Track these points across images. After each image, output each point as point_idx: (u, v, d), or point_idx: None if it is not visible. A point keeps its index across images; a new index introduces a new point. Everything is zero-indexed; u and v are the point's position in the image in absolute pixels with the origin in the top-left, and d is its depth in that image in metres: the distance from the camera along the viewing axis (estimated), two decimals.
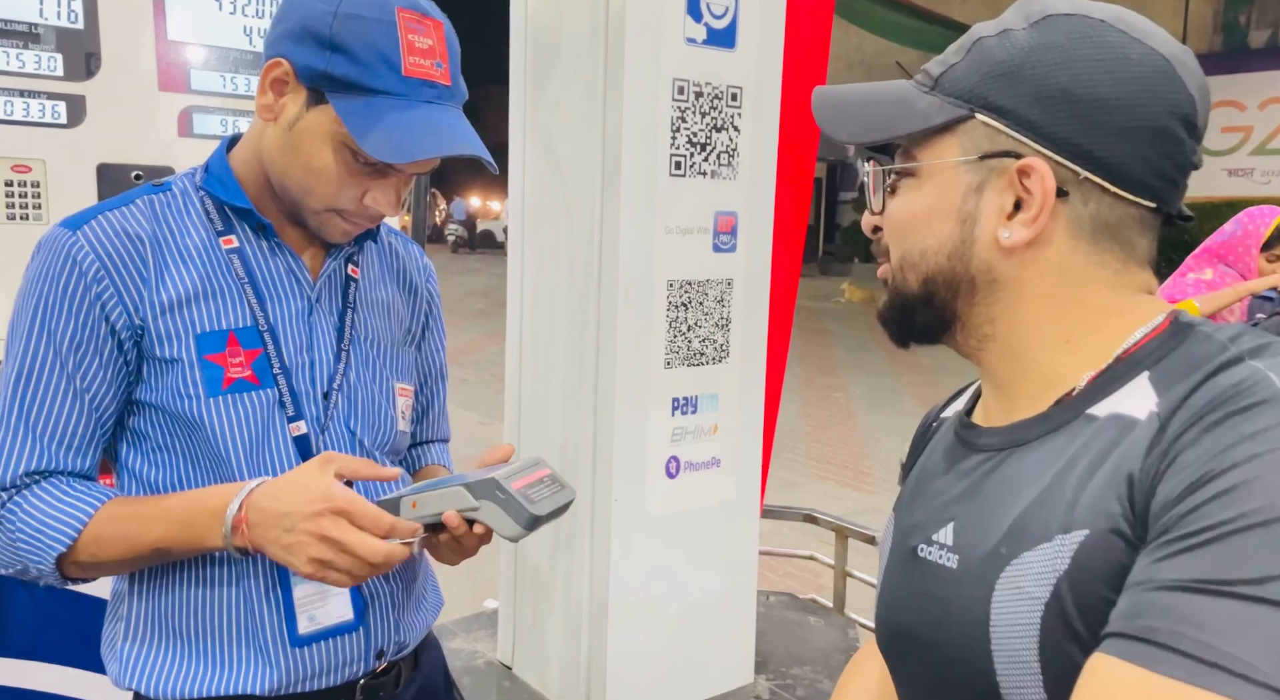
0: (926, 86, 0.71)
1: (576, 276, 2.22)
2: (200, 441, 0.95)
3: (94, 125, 1.42)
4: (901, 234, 0.73)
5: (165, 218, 0.97)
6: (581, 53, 2.15)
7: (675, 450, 2.26)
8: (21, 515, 0.90)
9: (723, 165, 2.24)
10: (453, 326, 12.30)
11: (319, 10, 0.91)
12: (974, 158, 0.68)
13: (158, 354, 0.94)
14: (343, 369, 1.03)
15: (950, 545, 0.71)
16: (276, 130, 0.96)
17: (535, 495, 0.94)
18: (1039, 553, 0.62)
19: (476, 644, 2.61)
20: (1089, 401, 0.66)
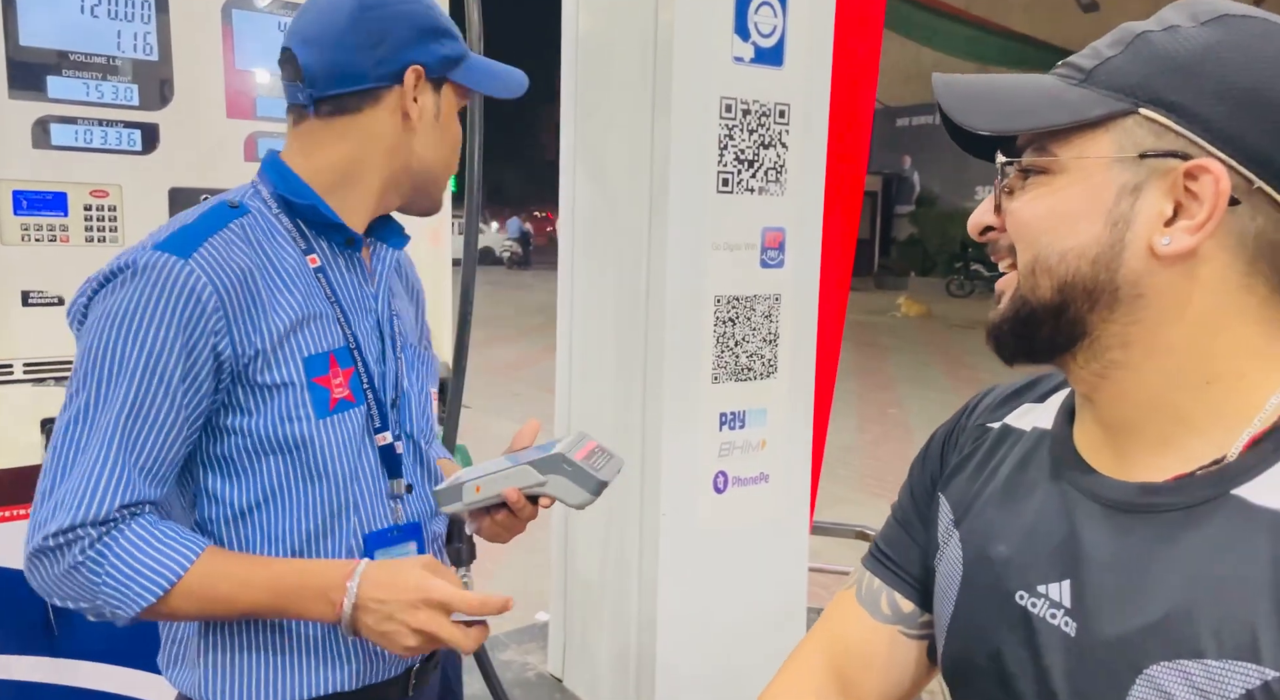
0: (1075, 79, 0.64)
1: (625, 292, 2.25)
2: (303, 461, 0.96)
3: (166, 151, 1.50)
4: (1035, 235, 0.64)
5: (259, 243, 0.96)
6: (631, 72, 2.19)
7: (723, 465, 2.27)
8: (112, 558, 0.86)
9: (770, 181, 2.26)
10: (507, 342, 12.36)
11: (419, 10, 0.99)
12: (1133, 155, 0.61)
13: (266, 380, 0.92)
14: (396, 377, 1.06)
15: (1068, 608, 0.65)
16: (422, 129, 1.02)
17: (596, 464, 0.99)
18: (1204, 667, 0.57)
19: (528, 656, 2.64)
20: (1238, 478, 0.59)
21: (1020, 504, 0.71)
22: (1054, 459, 0.70)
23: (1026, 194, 0.65)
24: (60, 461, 0.87)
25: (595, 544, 2.39)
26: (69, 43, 1.42)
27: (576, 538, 2.47)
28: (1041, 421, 0.75)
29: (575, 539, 2.47)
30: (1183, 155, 0.59)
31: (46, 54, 1.41)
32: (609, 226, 2.31)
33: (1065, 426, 0.71)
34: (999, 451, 0.76)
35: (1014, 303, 0.66)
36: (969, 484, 0.77)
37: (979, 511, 0.74)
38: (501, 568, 4.27)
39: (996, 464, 0.75)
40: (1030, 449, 0.73)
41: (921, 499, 0.82)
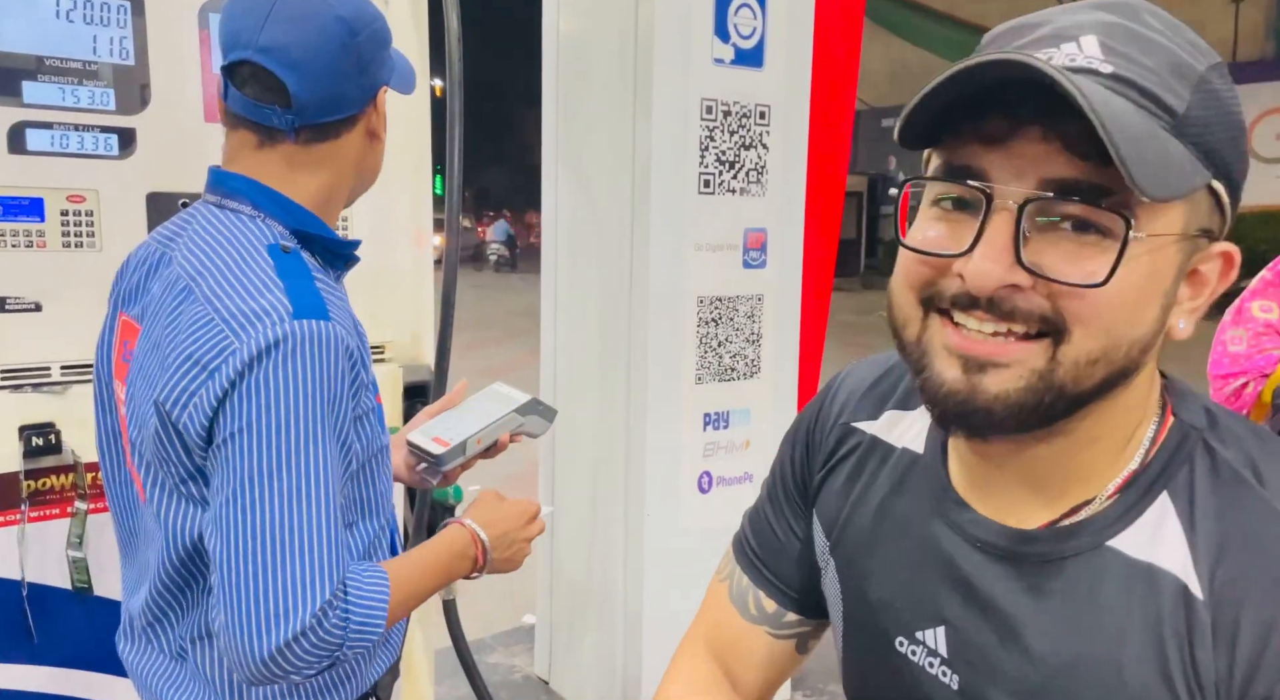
0: (1165, 123, 0.50)
1: (608, 294, 2.26)
2: (369, 473, 0.98)
3: (144, 156, 1.49)
4: (1114, 318, 0.52)
5: (325, 282, 0.94)
6: (611, 75, 2.20)
7: (707, 465, 2.27)
8: (354, 613, 0.87)
9: (752, 182, 2.26)
10: (495, 344, 12.30)
11: (382, 28, 0.98)
12: (1195, 233, 0.53)
13: (362, 409, 0.93)
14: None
15: (946, 658, 0.61)
16: (380, 143, 1.04)
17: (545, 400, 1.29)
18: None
19: (514, 658, 2.64)
20: (1111, 527, 0.56)
21: (894, 539, 0.66)
22: (929, 492, 0.65)
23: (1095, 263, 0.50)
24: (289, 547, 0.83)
25: (580, 546, 2.39)
26: (44, 47, 1.41)
27: (562, 540, 2.47)
28: (912, 442, 0.68)
29: (561, 541, 2.47)
30: (1211, 233, 0.54)
31: (22, 59, 1.40)
32: (592, 228, 2.32)
33: (938, 455, 0.65)
34: (867, 468, 0.70)
35: (1034, 388, 0.53)
36: (839, 501, 0.72)
37: (851, 541, 0.70)
38: None
39: (866, 484, 0.70)
40: (903, 475, 0.68)
41: (794, 492, 0.77)
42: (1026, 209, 0.50)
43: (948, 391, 0.55)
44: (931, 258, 0.55)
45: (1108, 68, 0.51)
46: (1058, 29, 0.53)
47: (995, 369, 0.53)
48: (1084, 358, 0.52)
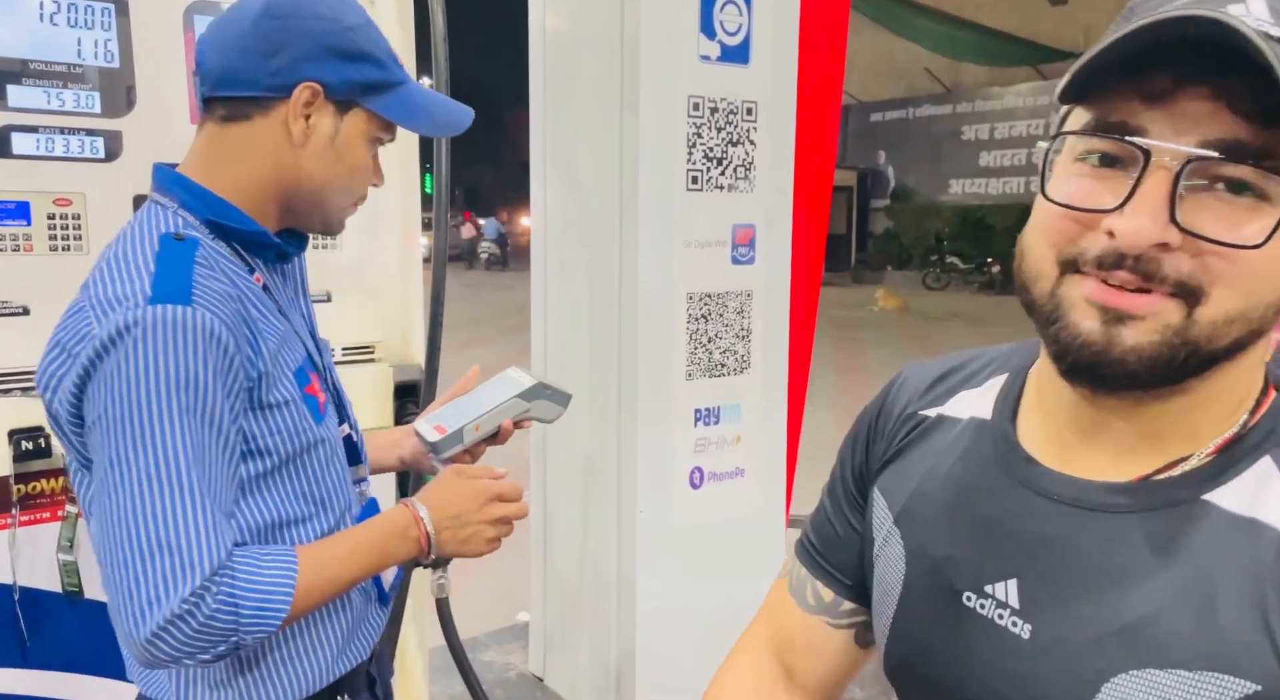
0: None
1: (598, 291, 2.26)
2: (308, 468, 0.99)
3: (130, 159, 1.49)
4: (1257, 281, 0.52)
5: (224, 271, 0.94)
6: (598, 73, 2.20)
7: (699, 461, 2.28)
8: (242, 594, 0.87)
9: (739, 179, 2.27)
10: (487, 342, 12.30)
11: (330, 29, 0.96)
12: None
13: (270, 400, 0.94)
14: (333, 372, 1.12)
15: (1017, 609, 0.61)
16: (314, 149, 0.98)
17: (557, 384, 1.21)
18: (1176, 679, 0.54)
19: (509, 656, 2.65)
20: (1208, 483, 0.56)
21: (964, 499, 0.67)
22: (999, 453, 0.66)
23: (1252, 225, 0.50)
24: (150, 532, 0.84)
25: (573, 543, 2.40)
26: (29, 51, 1.41)
27: (555, 537, 2.47)
28: (979, 410, 0.70)
29: (554, 538, 2.48)
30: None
31: (6, 63, 1.40)
32: (580, 226, 2.32)
33: (1006, 418, 0.68)
34: (935, 442, 0.72)
35: (1168, 341, 0.53)
36: (904, 477, 0.73)
37: (919, 508, 0.70)
38: (482, 568, 4.27)
39: (935, 456, 0.71)
40: (971, 441, 0.69)
41: (853, 487, 0.79)
42: (1187, 169, 0.50)
43: (1083, 342, 0.55)
44: (1078, 212, 0.55)
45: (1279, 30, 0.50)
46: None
47: (1133, 321, 0.54)
48: (1221, 317, 0.53)
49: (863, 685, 2.48)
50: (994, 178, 19.09)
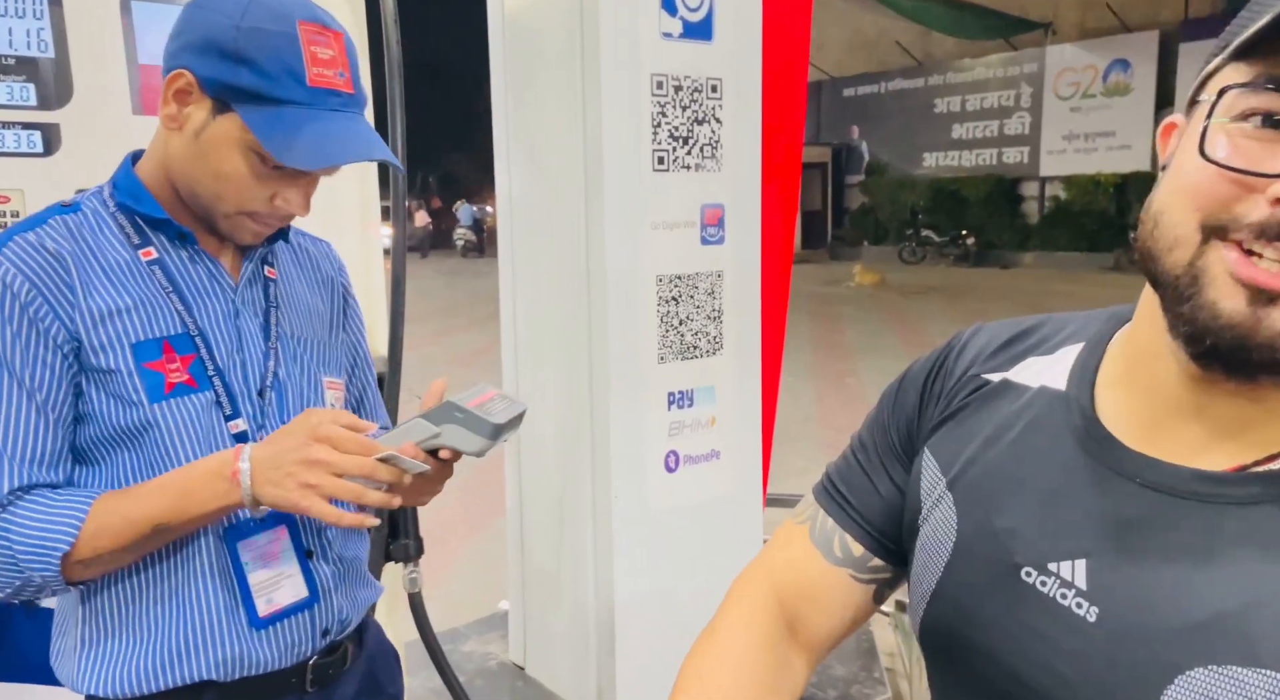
0: None
1: (566, 275, 2.23)
2: (147, 447, 0.99)
3: (70, 152, 1.44)
4: None
5: (82, 236, 0.99)
6: (559, 52, 2.16)
7: (673, 444, 2.26)
8: (17, 527, 0.91)
9: (706, 158, 2.24)
10: (462, 330, 12.23)
11: (221, 24, 0.94)
12: None
13: (95, 365, 0.96)
14: (273, 366, 1.07)
15: (1084, 591, 0.59)
16: (182, 139, 0.99)
17: (491, 409, 0.98)
18: (1262, 677, 0.51)
19: (489, 646, 2.63)
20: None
21: (1030, 472, 0.64)
22: (1074, 427, 0.63)
23: None
24: None
25: (550, 530, 2.38)
26: None
27: (531, 524, 2.45)
28: (1051, 380, 0.67)
29: (530, 525, 2.46)
30: None
31: None
32: (546, 210, 2.28)
33: (1085, 391, 0.64)
34: (1000, 408, 0.69)
35: None
36: (961, 441, 0.70)
37: (978, 475, 0.68)
38: (463, 558, 4.25)
39: (999, 423, 0.68)
40: (1042, 411, 0.66)
41: (898, 443, 0.76)
42: None
43: (1226, 323, 0.52)
44: (1237, 174, 0.51)
45: None
46: None
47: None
48: None
49: (843, 660, 2.49)
50: (966, 150, 19.15)
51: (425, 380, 1.08)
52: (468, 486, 4.50)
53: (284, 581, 1.05)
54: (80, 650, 1.03)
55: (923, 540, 0.71)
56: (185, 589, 1.02)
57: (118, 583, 1.02)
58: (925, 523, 0.71)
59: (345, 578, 1.14)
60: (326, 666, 1.11)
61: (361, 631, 1.20)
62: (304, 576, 1.07)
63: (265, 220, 1.03)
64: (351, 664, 1.16)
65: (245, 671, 1.04)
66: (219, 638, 1.02)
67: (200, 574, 1.02)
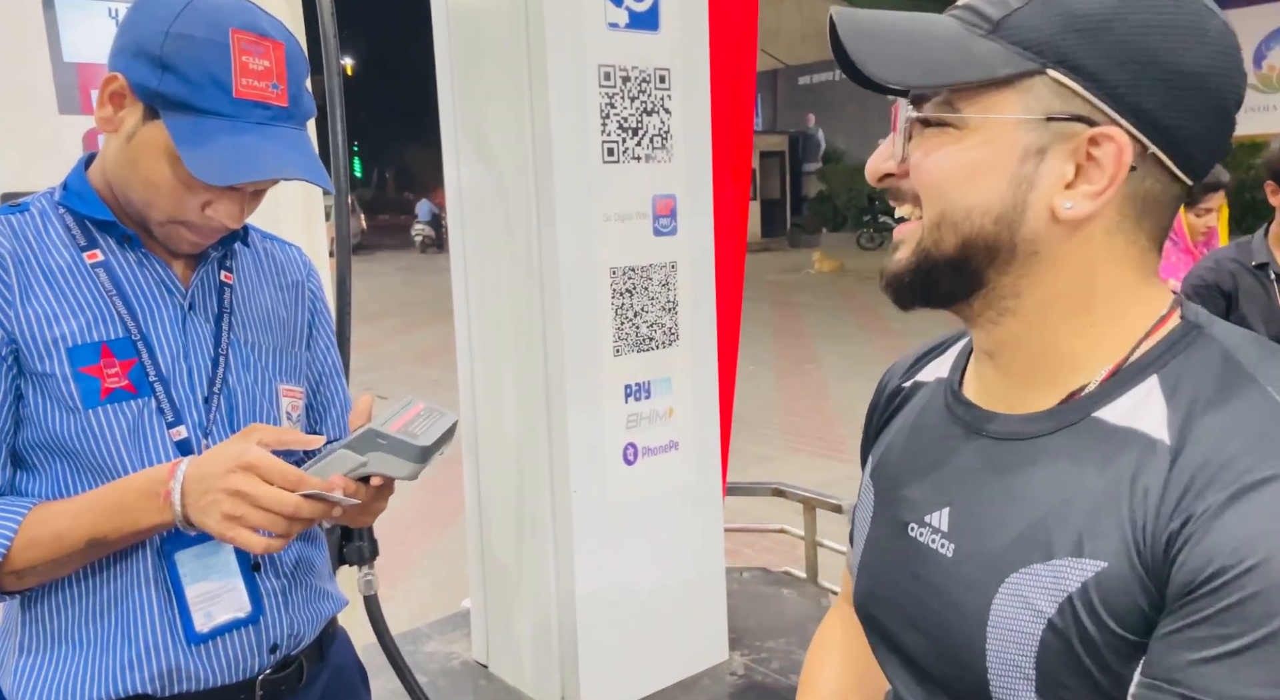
0: (982, 29, 0.62)
1: (519, 270, 2.21)
2: (84, 452, 0.97)
3: None
4: (941, 189, 0.65)
5: (25, 236, 0.98)
6: (504, 44, 2.13)
7: (631, 437, 2.26)
8: None
9: (656, 148, 2.23)
10: (424, 327, 12.12)
11: (152, 29, 0.92)
12: (1039, 117, 0.61)
13: (33, 369, 0.95)
14: (221, 373, 1.05)
15: (945, 532, 0.70)
16: (117, 142, 0.97)
17: (416, 429, 0.94)
18: (1050, 568, 0.61)
19: (452, 645, 2.61)
20: (1100, 402, 0.64)
21: (918, 445, 0.77)
22: (947, 401, 0.76)
23: (932, 147, 0.65)
24: None
25: (509, 526, 2.36)
26: None
27: (491, 521, 2.44)
28: (941, 371, 0.80)
29: (489, 522, 2.44)
30: (1087, 120, 0.61)
31: None
32: (497, 204, 2.26)
33: (958, 372, 0.77)
34: (911, 405, 0.82)
35: (916, 255, 0.67)
36: (886, 439, 0.83)
37: (888, 459, 0.80)
38: (425, 556, 4.21)
39: (908, 416, 0.81)
40: (930, 396, 0.79)
41: (864, 465, 0.87)
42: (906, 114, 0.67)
43: (884, 272, 0.70)
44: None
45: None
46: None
47: (900, 246, 0.69)
48: (931, 222, 0.65)
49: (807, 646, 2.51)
50: None
51: (385, 378, 1.06)
52: (428, 485, 4.46)
53: (225, 595, 1.02)
54: (19, 657, 1.01)
55: (856, 527, 0.83)
56: (123, 599, 0.99)
57: (57, 590, 0.99)
58: (858, 512, 0.83)
59: (297, 590, 1.10)
60: (278, 683, 1.07)
61: (323, 645, 1.16)
62: (248, 590, 1.04)
63: (199, 230, 1.00)
64: (308, 680, 1.12)
65: (185, 687, 1.01)
66: (156, 651, 1.00)
67: (137, 584, 0.99)
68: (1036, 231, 0.63)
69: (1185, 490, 0.57)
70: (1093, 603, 0.59)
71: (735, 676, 2.39)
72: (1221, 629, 0.53)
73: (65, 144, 1.42)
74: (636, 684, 2.30)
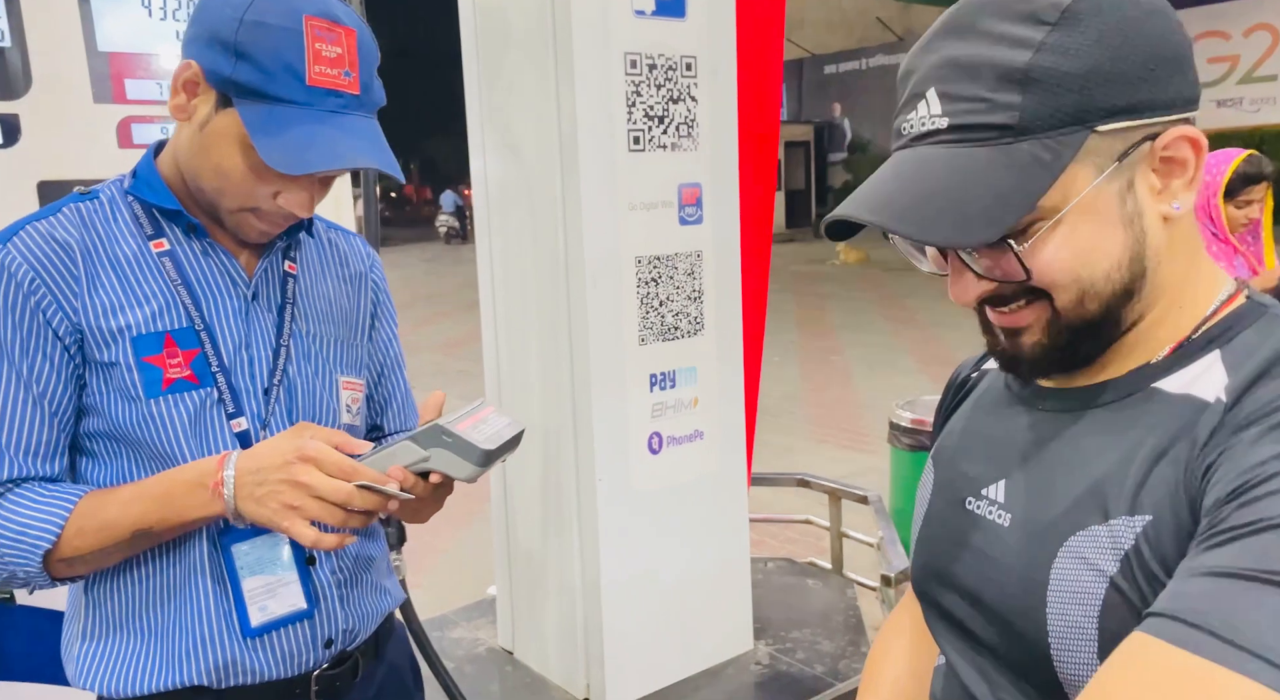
0: (1008, 139, 0.62)
1: (544, 260, 2.21)
2: (145, 442, 0.97)
3: (30, 143, 1.41)
4: (1074, 273, 0.65)
5: (94, 224, 0.98)
6: (530, 32, 2.13)
7: (656, 426, 2.26)
8: (3, 522, 0.91)
9: (682, 137, 2.22)
10: (448, 318, 12.21)
11: (226, 16, 0.92)
12: (1114, 166, 0.63)
13: (97, 358, 0.96)
14: (282, 364, 1.04)
15: (1001, 503, 0.73)
16: (189, 131, 0.97)
17: (482, 433, 0.95)
18: (1109, 528, 0.63)
19: (478, 632, 2.63)
20: (1160, 374, 0.67)
21: (978, 425, 0.81)
22: (1008, 381, 0.79)
23: (1035, 250, 0.64)
24: None
25: (534, 515, 2.38)
26: None
27: (516, 510, 2.45)
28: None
29: (515, 510, 2.46)
30: (1149, 136, 0.64)
31: None
32: (522, 194, 2.26)
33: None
34: (975, 392, 0.86)
35: (1053, 336, 0.68)
36: (944, 424, 0.88)
37: (948, 442, 0.84)
38: (452, 544, 4.25)
39: (970, 400, 0.85)
40: (993, 380, 0.83)
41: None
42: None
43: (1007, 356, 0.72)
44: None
45: (944, 121, 0.63)
46: (914, 86, 0.66)
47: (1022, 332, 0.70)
48: (1070, 303, 0.66)
49: (831, 636, 2.50)
50: None
51: (411, 369, 1.07)
52: None
53: (280, 589, 1.02)
54: (81, 643, 1.02)
55: (916, 509, 0.86)
56: (180, 589, 1.00)
57: (117, 577, 1.00)
58: (919, 491, 0.86)
59: (353, 585, 1.09)
60: (334, 679, 1.07)
61: (379, 641, 1.15)
62: (302, 585, 1.03)
63: (271, 219, 1.00)
64: (364, 677, 1.11)
65: (240, 680, 1.01)
66: (212, 643, 1.00)
67: (194, 573, 1.00)
68: (1157, 245, 0.66)
69: (1228, 433, 0.59)
70: (1144, 556, 0.61)
71: (760, 666, 2.39)
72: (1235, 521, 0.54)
73: (100, 133, 1.44)
74: (661, 672, 2.31)
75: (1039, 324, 0.68)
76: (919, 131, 0.65)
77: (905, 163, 0.65)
